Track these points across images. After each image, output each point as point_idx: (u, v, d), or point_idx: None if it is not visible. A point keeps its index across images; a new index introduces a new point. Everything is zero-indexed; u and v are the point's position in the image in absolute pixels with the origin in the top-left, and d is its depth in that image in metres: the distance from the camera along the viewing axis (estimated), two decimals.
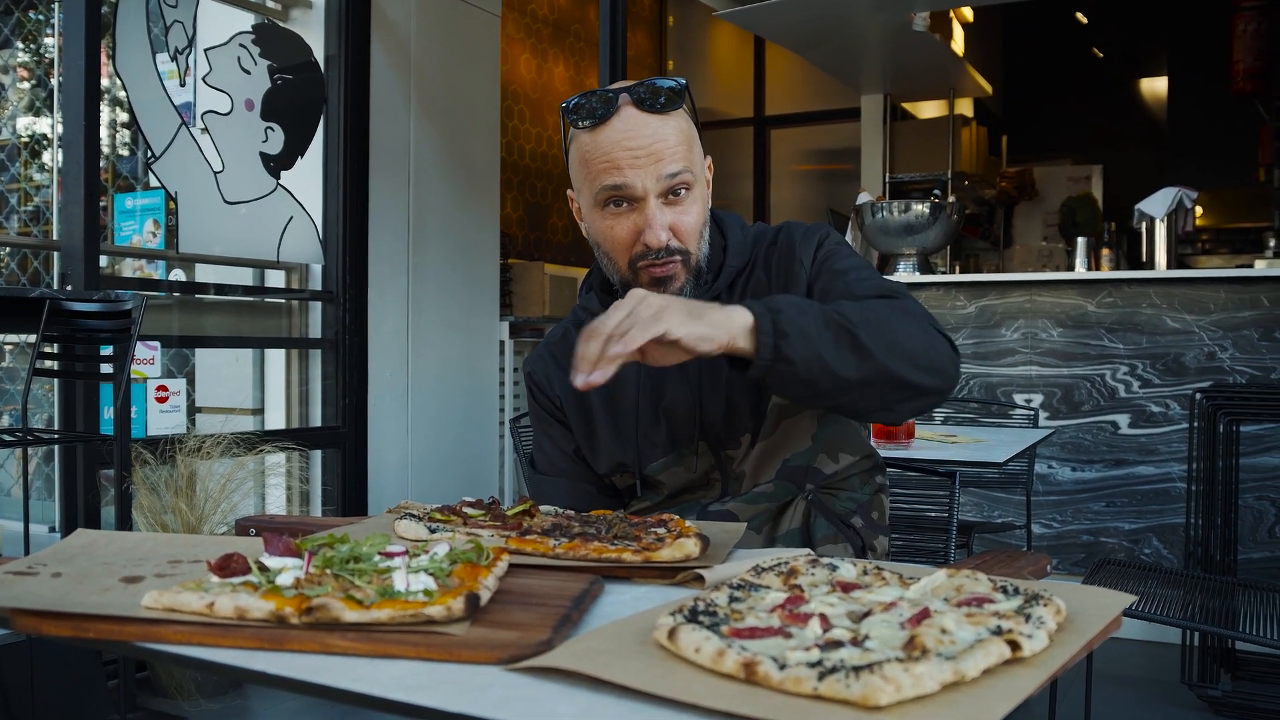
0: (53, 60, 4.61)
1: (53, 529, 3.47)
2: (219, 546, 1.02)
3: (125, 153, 4.33)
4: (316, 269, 3.63)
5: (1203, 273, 3.77)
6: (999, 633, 0.72)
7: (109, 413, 2.82)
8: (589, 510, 1.23)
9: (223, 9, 3.46)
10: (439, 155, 4.05)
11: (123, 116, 4.24)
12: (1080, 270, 4.61)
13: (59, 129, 3.97)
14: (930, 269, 4.43)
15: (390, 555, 0.89)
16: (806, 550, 1.01)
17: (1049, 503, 3.79)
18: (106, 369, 2.30)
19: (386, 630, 0.77)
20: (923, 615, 0.76)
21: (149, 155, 3.08)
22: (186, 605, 0.80)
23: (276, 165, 3.43)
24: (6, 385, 4.38)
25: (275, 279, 3.65)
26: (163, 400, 3.16)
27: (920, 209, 4.23)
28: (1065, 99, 8.86)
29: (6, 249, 4.57)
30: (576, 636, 0.78)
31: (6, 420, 4.34)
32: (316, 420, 3.67)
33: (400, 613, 0.78)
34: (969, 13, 6.64)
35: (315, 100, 3.56)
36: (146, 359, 3.15)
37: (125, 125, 4.24)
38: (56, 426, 3.01)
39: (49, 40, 4.67)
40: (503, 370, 4.55)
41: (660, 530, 1.08)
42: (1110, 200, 7.58)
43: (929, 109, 7.41)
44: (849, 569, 0.91)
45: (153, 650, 0.78)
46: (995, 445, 2.52)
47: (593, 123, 1.33)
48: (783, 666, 0.66)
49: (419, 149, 3.95)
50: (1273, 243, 7.27)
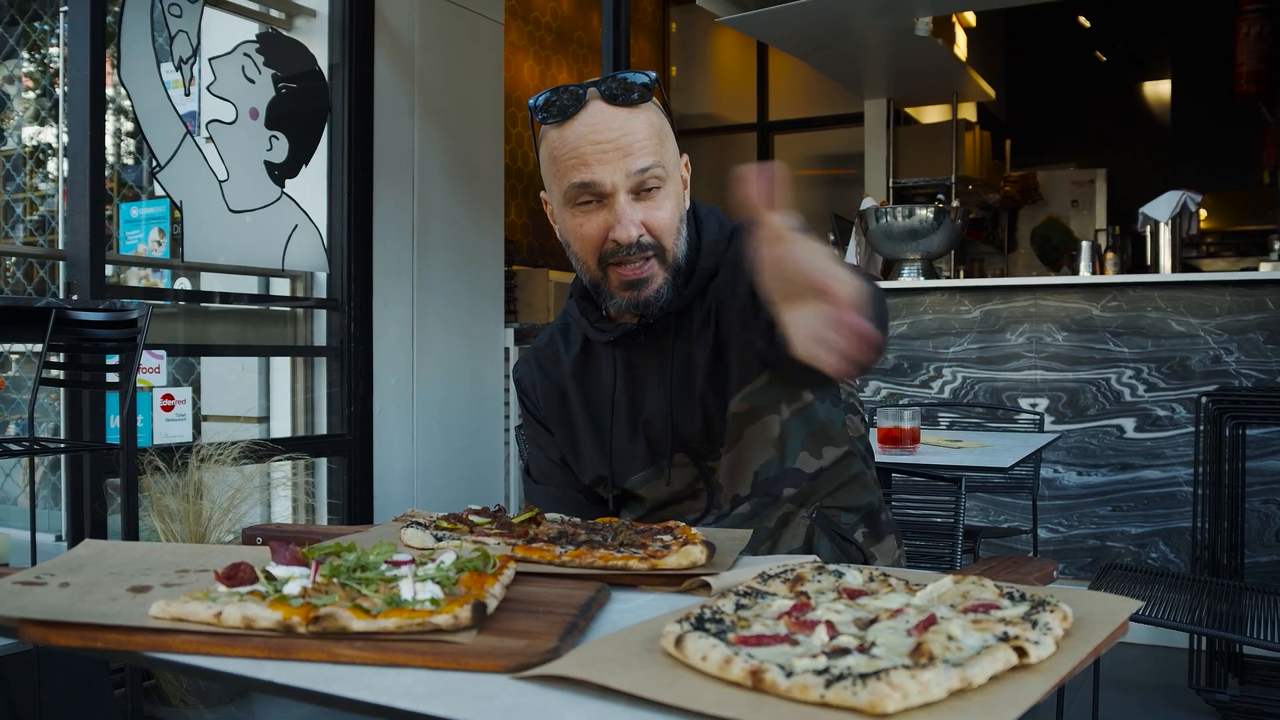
0: (58, 70, 4.62)
1: (59, 538, 3.47)
2: (226, 556, 1.02)
3: (130, 162, 4.34)
4: (321, 277, 3.64)
5: (1207, 276, 3.76)
6: (1006, 639, 0.72)
7: (115, 422, 2.83)
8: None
9: (227, 19, 3.47)
10: (443, 163, 4.05)
11: (128, 126, 4.25)
12: (1085, 274, 4.60)
13: (64, 138, 3.98)
14: (935, 274, 4.43)
15: (397, 564, 0.90)
16: (813, 557, 1.01)
17: (1055, 507, 3.78)
18: (112, 378, 2.31)
19: (393, 639, 0.78)
20: (929, 622, 0.76)
21: (154, 164, 3.09)
22: (194, 615, 0.81)
23: (281, 174, 3.44)
24: (13, 394, 4.39)
25: (280, 287, 3.66)
26: (168, 409, 3.17)
27: (924, 214, 4.24)
28: (1068, 102, 8.84)
29: (12, 258, 4.58)
30: (583, 644, 0.78)
31: (13, 429, 4.35)
32: (322, 428, 3.67)
33: (407, 621, 0.78)
34: (971, 17, 6.63)
35: (319, 109, 3.57)
36: (152, 368, 3.16)
37: (130, 134, 4.25)
38: (63, 436, 3.01)
39: (54, 50, 4.69)
40: (508, 377, 4.55)
41: (666, 537, 1.08)
42: (1114, 204, 7.57)
43: (932, 113, 7.41)
44: (855, 576, 0.91)
45: (161, 660, 0.78)
46: (1001, 450, 2.53)
47: (561, 119, 1.28)
48: (790, 674, 0.66)
49: (423, 156, 3.96)
50: (1277, 245, 7.24)
